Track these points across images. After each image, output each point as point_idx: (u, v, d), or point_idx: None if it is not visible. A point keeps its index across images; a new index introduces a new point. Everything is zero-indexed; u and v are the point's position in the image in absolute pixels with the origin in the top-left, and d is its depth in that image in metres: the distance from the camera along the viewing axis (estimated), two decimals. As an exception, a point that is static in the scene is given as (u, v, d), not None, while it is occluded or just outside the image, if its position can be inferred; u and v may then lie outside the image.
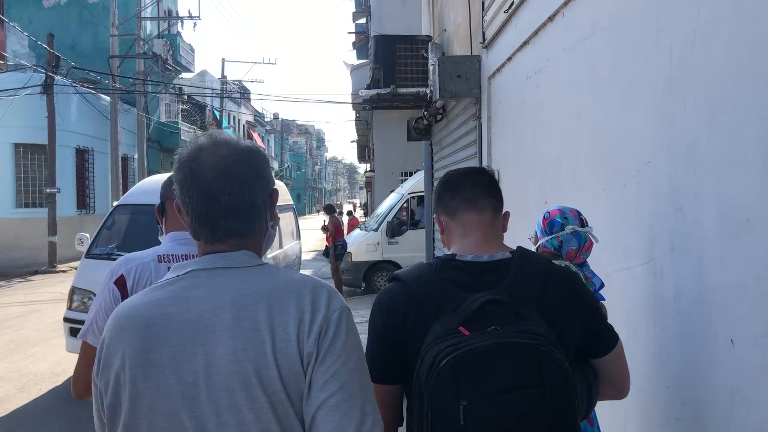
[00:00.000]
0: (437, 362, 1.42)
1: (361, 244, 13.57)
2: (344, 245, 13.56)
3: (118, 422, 1.25)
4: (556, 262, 2.38)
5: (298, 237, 12.17)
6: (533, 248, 2.53)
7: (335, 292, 1.32)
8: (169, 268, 2.08)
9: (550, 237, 2.45)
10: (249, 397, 1.20)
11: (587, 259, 2.52)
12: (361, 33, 27.74)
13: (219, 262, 1.30)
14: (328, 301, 1.27)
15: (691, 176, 2.25)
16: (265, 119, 59.02)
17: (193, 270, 1.30)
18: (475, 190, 1.74)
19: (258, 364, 1.20)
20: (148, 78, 24.51)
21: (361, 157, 36.81)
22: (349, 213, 24.16)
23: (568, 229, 2.42)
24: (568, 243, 2.43)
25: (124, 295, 2.02)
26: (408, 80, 9.27)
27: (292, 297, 1.25)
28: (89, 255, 7.52)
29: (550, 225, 2.47)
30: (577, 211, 2.51)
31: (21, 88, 18.14)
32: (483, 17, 6.23)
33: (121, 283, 2.03)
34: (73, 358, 7.54)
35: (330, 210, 14.08)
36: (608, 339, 1.74)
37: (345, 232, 13.50)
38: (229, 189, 1.30)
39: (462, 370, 1.40)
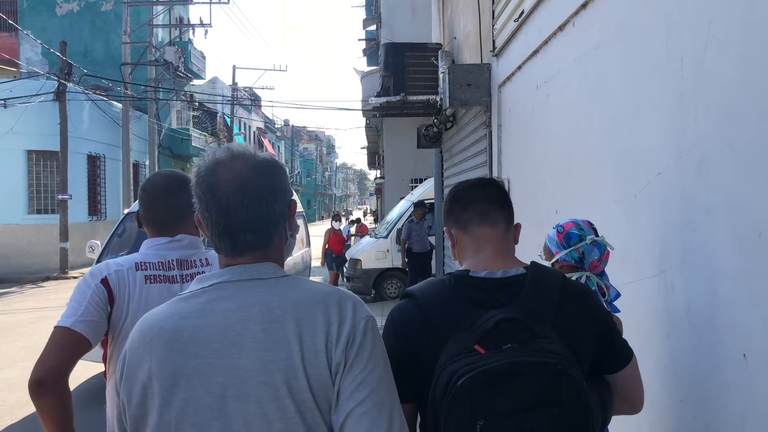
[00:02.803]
0: (453, 382, 1.41)
1: (371, 252, 13.56)
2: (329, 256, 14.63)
3: None
4: (578, 274, 2.37)
5: (308, 244, 12.19)
6: (545, 264, 2.51)
7: (360, 302, 1.34)
8: (145, 276, 2.09)
9: (569, 250, 2.41)
10: (278, 407, 1.22)
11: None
12: (371, 40, 27.81)
13: (244, 274, 1.32)
14: (354, 311, 1.30)
15: (702, 189, 2.24)
16: (276, 126, 59.20)
17: (218, 282, 1.32)
18: (486, 203, 1.72)
19: (288, 374, 1.22)
20: (160, 85, 24.66)
21: (372, 164, 36.89)
22: (357, 220, 24.06)
23: (588, 240, 2.40)
24: (590, 253, 2.40)
25: (110, 294, 2.02)
26: (418, 88, 9.28)
27: (319, 308, 1.27)
28: (100, 261, 7.55)
29: (567, 238, 2.43)
30: (589, 222, 2.50)
31: (34, 96, 18.31)
32: (493, 26, 6.24)
33: (106, 283, 2.04)
34: (84, 365, 7.57)
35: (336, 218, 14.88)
36: (623, 354, 1.72)
37: (338, 240, 14.39)
38: (246, 204, 1.31)
39: (478, 390, 1.39)
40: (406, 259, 12.19)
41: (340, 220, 15.31)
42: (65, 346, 1.91)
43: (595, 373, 1.68)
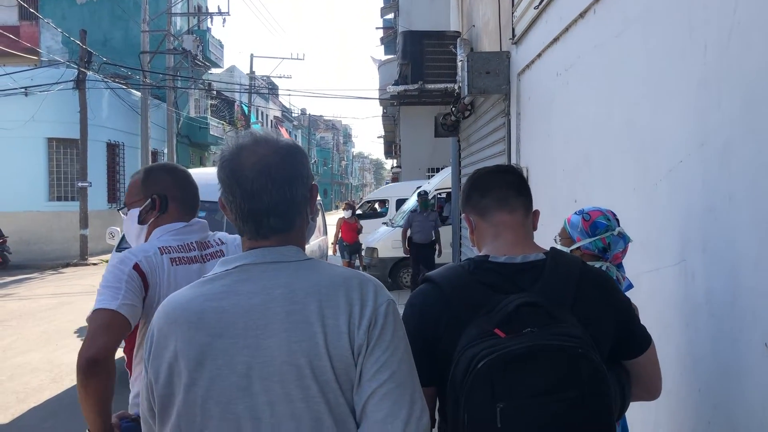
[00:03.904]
0: (473, 365, 1.41)
1: (387, 241, 13.56)
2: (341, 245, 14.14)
3: (171, 411, 1.29)
4: (599, 263, 2.36)
5: (325, 232, 12.21)
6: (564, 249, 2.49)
7: (381, 286, 1.36)
8: (170, 259, 2.14)
9: (594, 239, 2.39)
10: (301, 386, 1.24)
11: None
12: (389, 28, 27.71)
13: (267, 257, 1.34)
14: (375, 294, 1.31)
15: (725, 176, 2.22)
16: (293, 115, 59.30)
17: (242, 264, 1.34)
18: (505, 189, 1.72)
19: (311, 355, 1.24)
20: (178, 73, 24.77)
21: (388, 153, 36.86)
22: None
23: (616, 231, 2.39)
24: (616, 245, 2.39)
25: (144, 279, 2.06)
26: (436, 76, 9.22)
27: (341, 291, 1.29)
28: (120, 249, 7.64)
29: (593, 227, 2.40)
30: (612, 212, 2.48)
31: (54, 84, 18.46)
32: (513, 13, 6.19)
33: (138, 269, 2.07)
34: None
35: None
36: (642, 340, 1.72)
37: (349, 229, 14.01)
38: (270, 188, 1.33)
39: (498, 373, 1.40)
40: (408, 248, 11.92)
41: (352, 210, 14.84)
42: (112, 327, 1.94)
43: (613, 359, 1.67)
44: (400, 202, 15.98)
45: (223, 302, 1.29)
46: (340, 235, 14.34)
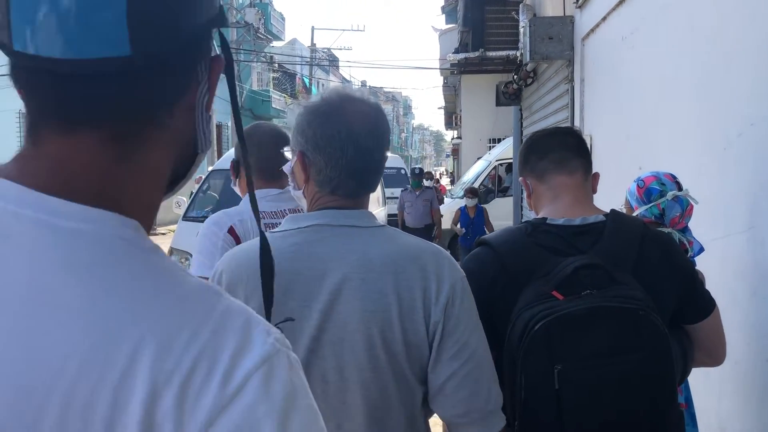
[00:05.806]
0: (530, 326, 1.39)
1: (446, 212, 13.50)
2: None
3: None
4: (663, 230, 2.29)
5: (384, 204, 12.25)
6: None
7: (453, 260, 1.33)
8: (264, 225, 2.10)
9: (649, 205, 2.33)
10: (371, 356, 1.23)
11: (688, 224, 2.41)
12: (450, -3, 27.30)
13: (342, 220, 1.29)
14: (450, 270, 1.29)
15: (800, 139, 2.12)
16: (353, 87, 59.35)
17: (315, 224, 1.29)
18: (564, 151, 1.68)
19: (383, 325, 1.22)
20: (241, 47, 25.05)
21: (448, 124, 36.55)
22: (436, 181, 23.70)
23: (669, 195, 2.32)
24: (671, 210, 2.31)
25: (238, 243, 2.03)
26: (497, 43, 9.07)
27: (416, 264, 1.27)
28: (186, 218, 7.86)
29: (647, 193, 2.34)
30: (672, 175, 2.40)
31: (122, 58, 18.96)
32: (577, -24, 6.01)
33: (233, 232, 2.06)
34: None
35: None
36: (705, 305, 1.67)
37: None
38: (378, 145, 1.32)
39: (556, 334, 1.38)
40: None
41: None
42: None
43: (675, 323, 1.64)
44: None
45: (296, 263, 1.24)
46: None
